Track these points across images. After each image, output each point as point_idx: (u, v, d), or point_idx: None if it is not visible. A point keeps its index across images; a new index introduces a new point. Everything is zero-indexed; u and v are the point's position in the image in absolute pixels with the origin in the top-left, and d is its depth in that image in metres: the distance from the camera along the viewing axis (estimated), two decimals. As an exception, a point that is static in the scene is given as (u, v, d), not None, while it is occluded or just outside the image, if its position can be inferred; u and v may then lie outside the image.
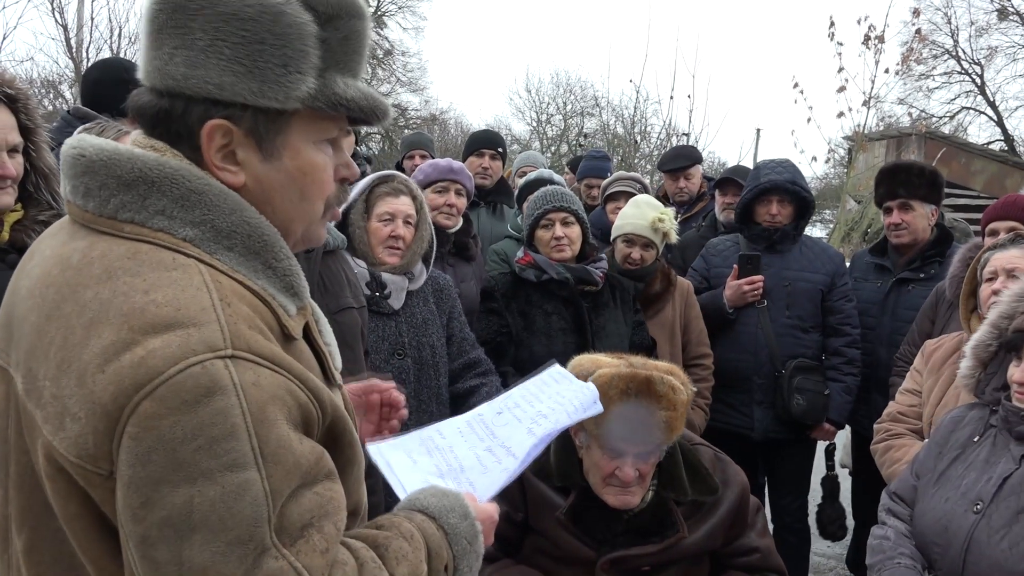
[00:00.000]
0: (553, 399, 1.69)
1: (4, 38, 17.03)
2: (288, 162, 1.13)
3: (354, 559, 1.08)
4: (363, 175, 3.10)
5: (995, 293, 2.80)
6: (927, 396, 2.99)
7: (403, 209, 2.90)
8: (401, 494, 1.34)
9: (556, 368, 1.84)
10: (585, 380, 1.87)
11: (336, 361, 1.26)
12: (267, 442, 0.97)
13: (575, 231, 3.42)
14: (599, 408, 1.71)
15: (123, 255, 1.03)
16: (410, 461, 1.50)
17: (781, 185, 3.83)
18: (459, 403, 2.92)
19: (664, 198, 5.19)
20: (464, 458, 1.51)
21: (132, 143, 1.12)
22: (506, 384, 2.86)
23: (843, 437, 4.17)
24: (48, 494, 1.03)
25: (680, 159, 5.38)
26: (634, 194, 4.36)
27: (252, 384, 0.98)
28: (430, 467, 1.48)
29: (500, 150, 5.03)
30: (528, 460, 1.49)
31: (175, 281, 1.00)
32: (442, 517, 1.24)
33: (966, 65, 26.40)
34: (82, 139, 1.10)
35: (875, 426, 3.12)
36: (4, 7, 18.28)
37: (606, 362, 2.23)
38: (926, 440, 2.59)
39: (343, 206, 1.29)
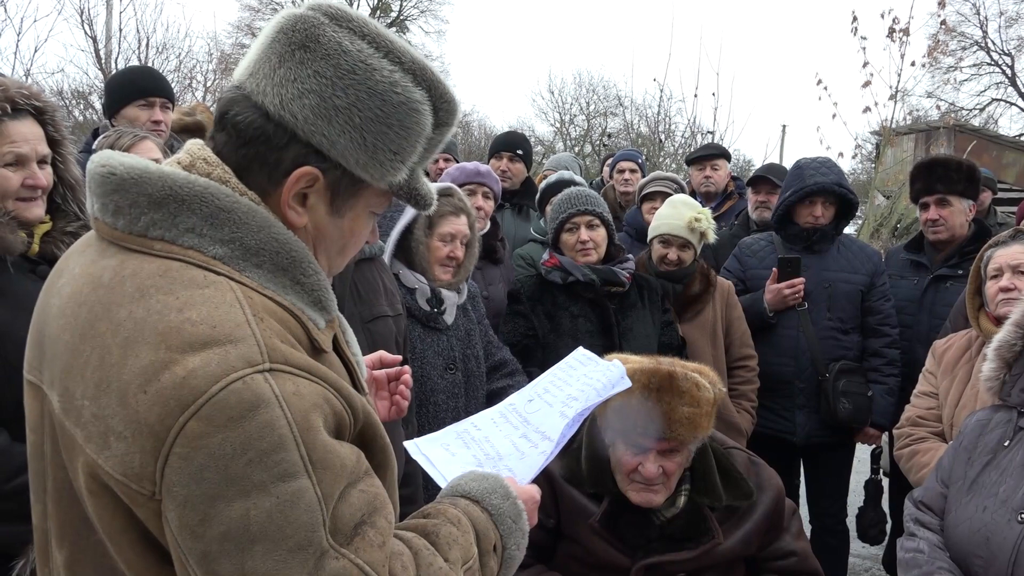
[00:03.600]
0: (581, 381, 1.72)
1: (36, 51, 17.43)
2: (347, 222, 1.19)
3: (408, 549, 1.11)
4: None
5: (1004, 291, 2.76)
6: (944, 397, 2.94)
7: (462, 230, 2.96)
8: (444, 486, 1.36)
9: (581, 351, 1.86)
10: None
11: (363, 371, 1.28)
12: (314, 448, 0.99)
13: (600, 234, 3.40)
14: (627, 383, 1.73)
15: (154, 273, 1.04)
16: (448, 454, 1.53)
17: (828, 187, 3.76)
18: (487, 404, 2.93)
19: (691, 194, 5.18)
20: (501, 446, 1.54)
21: (185, 151, 1.14)
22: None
23: (885, 436, 4.11)
24: (89, 510, 1.04)
25: (706, 149, 5.50)
26: (671, 195, 4.34)
27: (293, 394, 0.99)
28: (468, 458, 1.52)
29: (519, 152, 5.01)
30: (563, 441, 1.52)
31: (208, 299, 1.02)
32: (485, 499, 1.27)
33: (996, 56, 25.99)
34: (110, 156, 1.10)
35: (895, 431, 3.09)
36: (35, 20, 18.69)
37: (632, 359, 2.22)
38: (950, 444, 2.52)
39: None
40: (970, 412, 2.53)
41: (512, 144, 5.10)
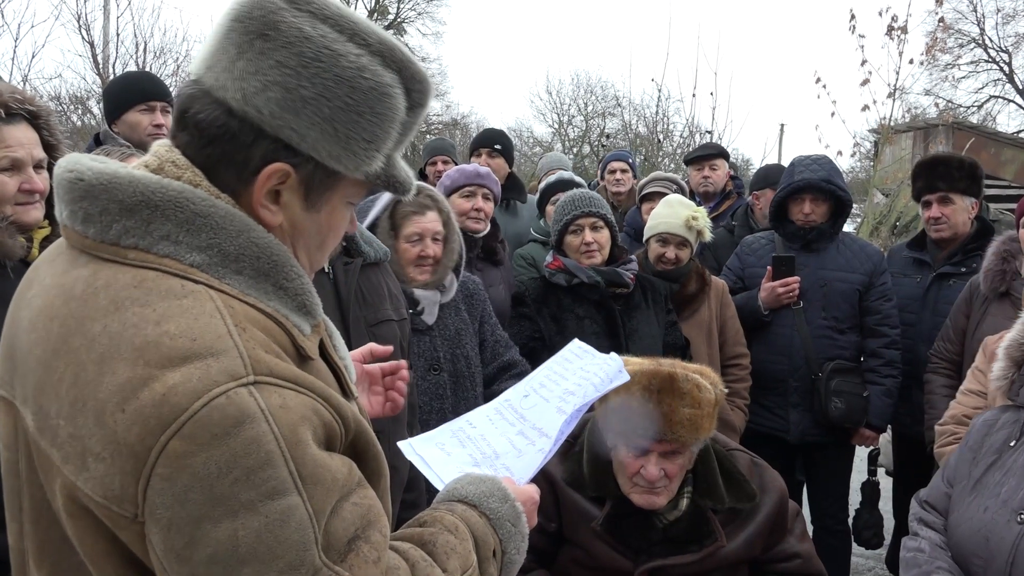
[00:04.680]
0: (578, 375, 1.68)
1: (33, 56, 17.35)
2: (324, 216, 1.13)
3: (405, 561, 1.07)
4: None
5: None
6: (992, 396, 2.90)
7: (430, 227, 2.83)
8: (440, 487, 1.33)
9: (577, 343, 1.82)
10: None
11: (351, 375, 1.24)
12: (303, 463, 0.95)
13: (604, 235, 3.40)
14: (625, 376, 1.70)
15: (129, 284, 0.98)
16: (444, 454, 1.50)
17: (815, 183, 3.74)
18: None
19: (690, 194, 5.17)
20: (497, 444, 1.51)
21: (152, 153, 1.09)
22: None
23: (883, 437, 4.09)
24: (69, 532, 1.00)
25: (704, 149, 5.49)
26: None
27: (280, 407, 0.95)
28: (464, 457, 1.48)
29: (497, 147, 5.01)
30: (562, 438, 1.49)
31: (187, 310, 0.96)
32: (482, 504, 1.23)
33: (993, 53, 26.02)
34: (78, 161, 1.05)
35: (937, 428, 3.03)
36: (33, 26, 18.68)
37: (632, 360, 2.20)
38: (958, 444, 2.50)
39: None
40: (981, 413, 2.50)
41: (489, 140, 5.11)
